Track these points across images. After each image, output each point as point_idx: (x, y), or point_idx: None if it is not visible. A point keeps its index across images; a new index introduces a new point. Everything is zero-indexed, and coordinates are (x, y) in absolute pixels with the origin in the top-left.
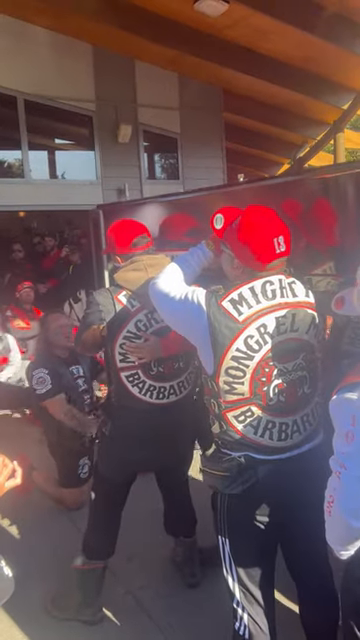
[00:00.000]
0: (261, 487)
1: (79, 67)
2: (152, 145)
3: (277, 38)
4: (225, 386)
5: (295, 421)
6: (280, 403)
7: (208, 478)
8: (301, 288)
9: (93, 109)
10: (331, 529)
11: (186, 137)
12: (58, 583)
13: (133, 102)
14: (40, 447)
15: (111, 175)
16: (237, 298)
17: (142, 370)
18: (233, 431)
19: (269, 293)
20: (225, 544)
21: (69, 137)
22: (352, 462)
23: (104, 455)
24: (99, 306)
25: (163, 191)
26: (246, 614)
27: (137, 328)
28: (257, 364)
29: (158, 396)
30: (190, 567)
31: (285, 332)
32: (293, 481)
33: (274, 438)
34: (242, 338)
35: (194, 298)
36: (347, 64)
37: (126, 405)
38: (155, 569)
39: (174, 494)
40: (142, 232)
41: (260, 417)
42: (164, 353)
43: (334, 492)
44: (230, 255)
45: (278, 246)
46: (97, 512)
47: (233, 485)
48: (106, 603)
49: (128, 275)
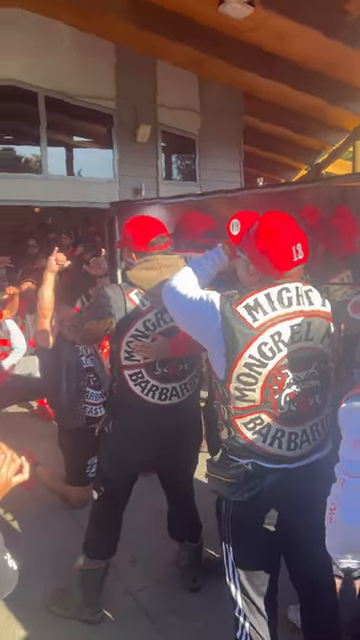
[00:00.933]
0: (267, 495)
1: (101, 65)
2: (170, 146)
3: (299, 42)
4: (236, 392)
5: (304, 431)
6: (291, 412)
7: (213, 484)
8: (318, 296)
9: (113, 107)
10: (331, 536)
11: (204, 139)
12: (59, 580)
13: (153, 102)
14: (48, 442)
15: (128, 174)
16: (252, 304)
17: (146, 369)
18: (242, 438)
19: (285, 300)
20: (229, 551)
21: (88, 135)
22: (357, 471)
23: (105, 453)
24: (109, 300)
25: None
26: (248, 623)
27: (145, 327)
28: (269, 372)
29: (160, 397)
30: (193, 571)
31: (299, 340)
32: (299, 491)
33: (283, 447)
34: (256, 345)
35: (208, 302)
36: None
37: (127, 403)
38: (158, 571)
39: (178, 497)
40: (161, 232)
41: (270, 425)
42: (170, 354)
43: (337, 500)
44: (246, 262)
45: (296, 254)
46: (98, 511)
47: (239, 492)
48: (107, 603)
49: (142, 274)
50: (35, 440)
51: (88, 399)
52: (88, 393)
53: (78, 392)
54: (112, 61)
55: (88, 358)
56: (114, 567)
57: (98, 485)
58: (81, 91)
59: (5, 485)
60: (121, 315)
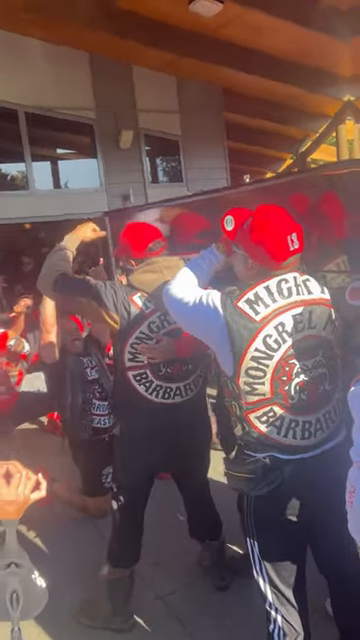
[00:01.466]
0: (287, 487)
1: (77, 76)
2: (154, 149)
3: (273, 34)
4: (246, 387)
5: (318, 419)
6: (302, 401)
7: (233, 481)
8: (316, 285)
9: (93, 117)
10: (353, 519)
11: (187, 139)
12: (86, 592)
13: (133, 107)
14: (61, 457)
15: (115, 182)
16: (253, 298)
17: (150, 370)
18: (256, 432)
19: (285, 291)
20: (254, 546)
21: (71, 146)
22: None
23: (118, 458)
24: (117, 296)
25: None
26: (279, 615)
27: (150, 330)
28: (277, 363)
29: (164, 396)
30: (219, 570)
31: (303, 329)
32: (318, 479)
33: (297, 437)
34: (261, 338)
35: (209, 301)
36: (344, 55)
37: (131, 403)
38: (184, 573)
39: (194, 497)
40: (157, 237)
41: (283, 417)
42: (178, 354)
43: (355, 482)
44: (244, 255)
45: (292, 243)
46: (119, 520)
47: (259, 487)
48: (136, 609)
49: (144, 277)
50: (48, 456)
51: (95, 411)
52: (95, 405)
53: (84, 404)
54: (88, 71)
55: (93, 369)
56: (140, 573)
57: (116, 494)
58: (59, 103)
59: (23, 503)
60: (125, 318)
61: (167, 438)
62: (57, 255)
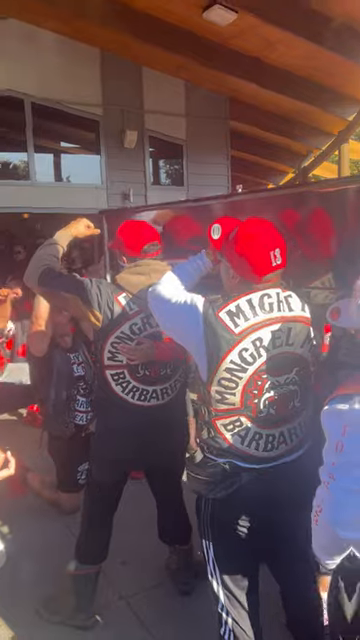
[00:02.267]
0: (244, 493)
1: (87, 72)
2: (158, 151)
3: (284, 48)
4: (217, 395)
5: (282, 433)
6: (270, 415)
7: (192, 483)
8: (297, 302)
9: (100, 114)
10: (318, 538)
11: (192, 144)
12: (51, 587)
13: (140, 108)
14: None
15: (116, 180)
16: (234, 310)
17: (129, 371)
18: (221, 438)
19: (266, 306)
20: (209, 548)
21: (75, 141)
22: (341, 473)
23: (93, 455)
24: (101, 297)
25: (167, 197)
26: (230, 618)
27: (132, 331)
28: (250, 377)
29: (140, 398)
30: (184, 574)
31: (280, 346)
32: (276, 488)
33: (260, 449)
34: (237, 350)
35: (192, 306)
36: (354, 75)
37: (108, 401)
38: (149, 575)
39: (167, 501)
40: (154, 239)
41: (248, 428)
42: (157, 357)
43: (322, 502)
44: (227, 266)
45: (274, 259)
46: (89, 516)
47: (216, 490)
48: (99, 607)
49: (131, 278)
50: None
51: (78, 407)
52: (78, 401)
53: (67, 401)
54: (98, 67)
55: (79, 366)
56: (106, 572)
57: (88, 489)
58: (67, 97)
59: None
60: (108, 316)
61: (142, 436)
62: (46, 249)
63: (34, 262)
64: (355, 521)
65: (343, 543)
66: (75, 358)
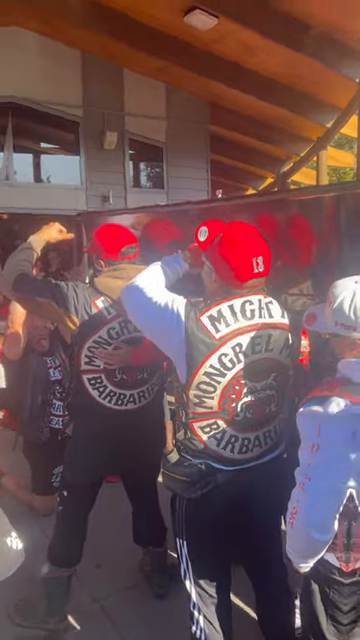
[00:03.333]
0: (219, 493)
1: (68, 73)
2: (138, 153)
3: (264, 54)
4: (194, 399)
5: (257, 436)
6: (246, 419)
7: (168, 481)
8: (277, 308)
9: (80, 115)
10: (292, 541)
11: (172, 147)
12: (22, 591)
13: (120, 110)
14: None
15: (96, 181)
16: (216, 315)
17: (106, 375)
18: (197, 440)
19: (248, 313)
20: (183, 546)
21: (55, 142)
22: (316, 474)
23: (68, 458)
24: (77, 301)
25: (147, 200)
26: (202, 616)
27: (109, 335)
28: (228, 381)
29: (117, 402)
30: (159, 577)
31: (260, 352)
32: (250, 489)
33: (235, 451)
34: (217, 355)
35: (174, 307)
36: (333, 83)
37: (84, 405)
38: (123, 577)
39: (142, 503)
40: (131, 242)
41: (225, 431)
42: (134, 362)
43: (297, 504)
44: (210, 268)
45: (257, 266)
46: (63, 518)
47: (192, 489)
48: (72, 611)
49: (109, 282)
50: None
51: (54, 411)
52: (54, 405)
53: (43, 405)
54: (79, 69)
55: (56, 370)
56: (80, 575)
57: (62, 492)
58: (48, 98)
59: None
60: (85, 320)
61: (118, 441)
62: (20, 255)
63: (8, 268)
64: (331, 523)
65: (318, 546)
66: (52, 362)
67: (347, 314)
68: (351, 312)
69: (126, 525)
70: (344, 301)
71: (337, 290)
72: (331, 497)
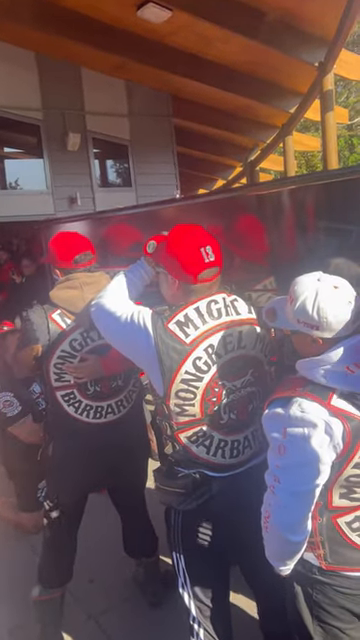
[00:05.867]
0: (214, 502)
1: (23, 75)
2: (103, 153)
3: (221, 45)
4: (176, 408)
5: (246, 437)
6: (231, 421)
7: (162, 495)
8: (243, 305)
9: (40, 117)
10: (269, 545)
11: (137, 144)
12: (17, 614)
13: (81, 110)
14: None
15: (62, 184)
16: (183, 320)
17: (78, 389)
18: (186, 451)
19: (214, 312)
20: (180, 560)
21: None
22: (285, 476)
23: (50, 477)
24: (33, 325)
25: (116, 199)
26: (202, 629)
27: (72, 347)
28: (207, 385)
29: (95, 415)
30: (152, 586)
31: (232, 350)
32: (245, 495)
33: (226, 456)
34: (190, 360)
35: (140, 320)
36: (292, 69)
37: (63, 424)
38: (117, 590)
39: (130, 513)
40: (85, 249)
41: (212, 436)
42: (105, 372)
43: (269, 507)
44: (164, 273)
45: (207, 255)
46: (50, 537)
47: (187, 501)
48: (68, 630)
49: (62, 293)
50: None
51: None
52: None
53: None
54: (34, 70)
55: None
56: (73, 592)
57: (48, 512)
58: (4, 102)
59: None
60: (45, 338)
61: (101, 458)
62: None
63: None
64: (304, 523)
65: (294, 547)
66: (36, 389)
67: (310, 313)
68: (314, 311)
69: (116, 536)
70: (307, 300)
71: (299, 288)
72: (301, 498)
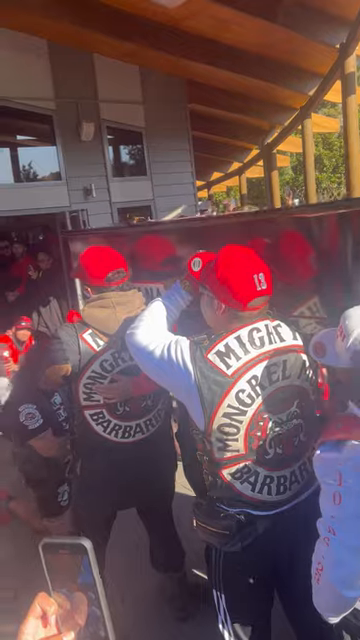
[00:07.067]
0: (259, 543)
1: (36, 65)
2: (117, 141)
3: (238, 28)
4: (218, 443)
5: (293, 472)
6: (277, 456)
7: (204, 534)
8: (287, 330)
9: (53, 108)
10: (320, 596)
11: (151, 131)
12: None
13: (94, 98)
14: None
15: (76, 175)
16: (224, 350)
17: (107, 409)
18: (229, 488)
19: (257, 341)
20: (221, 599)
21: (31, 139)
22: (342, 528)
23: (78, 494)
24: (62, 344)
25: (131, 188)
26: None
27: (102, 368)
28: (251, 419)
29: (124, 435)
30: (180, 600)
31: (277, 381)
32: (291, 533)
33: (273, 493)
34: (233, 393)
35: (177, 351)
36: (311, 50)
37: (91, 442)
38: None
39: (158, 530)
40: (118, 266)
41: (257, 473)
42: (136, 392)
43: (323, 560)
44: (210, 296)
45: (259, 283)
46: None
47: (231, 542)
48: None
49: (95, 312)
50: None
51: None
52: None
53: None
54: (47, 59)
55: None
56: None
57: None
58: (17, 93)
59: None
60: (75, 357)
61: (129, 476)
62: None
63: None
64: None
65: (349, 602)
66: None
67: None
68: None
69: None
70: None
71: (351, 322)
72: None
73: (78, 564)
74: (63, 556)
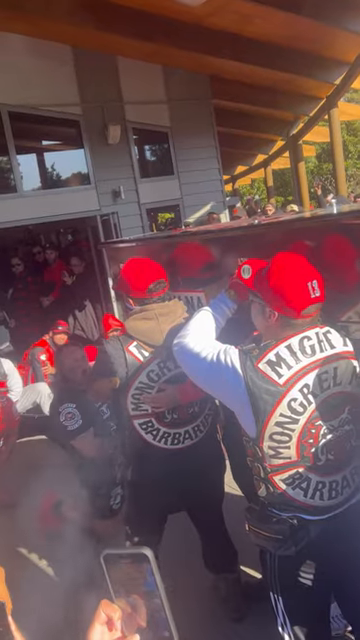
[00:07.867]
0: (313, 546)
1: (61, 71)
2: (143, 142)
3: (261, 21)
4: (270, 451)
5: (344, 477)
6: (329, 462)
7: (257, 539)
8: (337, 337)
9: (79, 112)
10: None
11: (177, 129)
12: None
13: (119, 101)
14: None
15: (104, 178)
16: (275, 359)
17: (156, 418)
18: (282, 494)
19: (308, 349)
20: (278, 602)
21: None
22: None
23: (130, 499)
24: (110, 357)
25: (158, 188)
26: None
27: (149, 379)
28: (303, 426)
29: (173, 442)
30: (234, 601)
31: (329, 388)
32: (345, 536)
33: (325, 498)
34: (285, 402)
35: (227, 361)
36: (335, 39)
37: (141, 452)
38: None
39: (210, 532)
40: (159, 277)
41: (309, 478)
42: (182, 400)
43: None
44: (261, 304)
45: (313, 291)
46: None
47: (285, 546)
48: None
49: (138, 325)
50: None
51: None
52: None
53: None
54: (71, 65)
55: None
56: None
57: (130, 536)
58: (44, 100)
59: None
60: (123, 370)
61: (178, 481)
62: None
63: None
64: None
65: None
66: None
67: None
68: None
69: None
70: None
71: None
72: None
73: (143, 572)
74: (124, 565)
